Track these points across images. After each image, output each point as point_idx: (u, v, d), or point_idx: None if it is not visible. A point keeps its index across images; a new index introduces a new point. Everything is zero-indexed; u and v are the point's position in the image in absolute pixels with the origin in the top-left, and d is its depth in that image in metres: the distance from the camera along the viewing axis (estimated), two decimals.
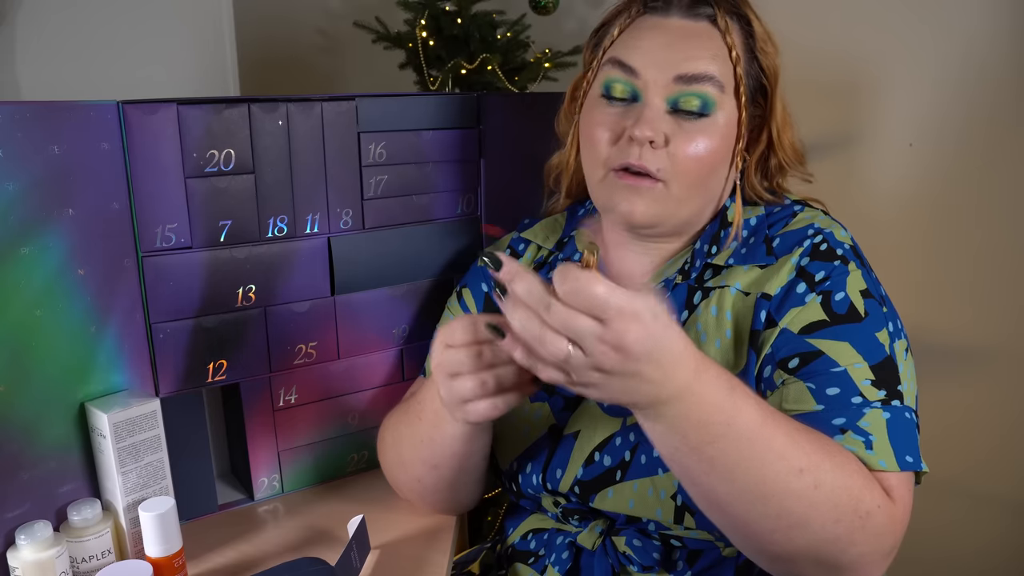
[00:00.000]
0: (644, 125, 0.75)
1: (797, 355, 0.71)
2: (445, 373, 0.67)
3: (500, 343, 0.60)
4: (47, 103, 0.75)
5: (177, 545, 0.78)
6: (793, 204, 0.84)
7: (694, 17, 0.78)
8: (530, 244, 0.95)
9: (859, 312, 0.72)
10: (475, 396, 0.66)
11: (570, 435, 0.80)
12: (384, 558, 0.84)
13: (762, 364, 0.73)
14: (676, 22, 0.78)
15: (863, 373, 0.69)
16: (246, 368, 0.92)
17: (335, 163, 0.92)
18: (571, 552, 0.82)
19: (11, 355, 0.75)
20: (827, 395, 0.69)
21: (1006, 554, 1.29)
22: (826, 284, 0.73)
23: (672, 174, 0.76)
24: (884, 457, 0.67)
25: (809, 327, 0.72)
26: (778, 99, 0.81)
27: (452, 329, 0.67)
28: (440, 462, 0.81)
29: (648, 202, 0.77)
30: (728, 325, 0.76)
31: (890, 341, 0.72)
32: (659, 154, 0.76)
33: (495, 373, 0.66)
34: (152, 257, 0.84)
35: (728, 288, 0.78)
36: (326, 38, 1.83)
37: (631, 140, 0.76)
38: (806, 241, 0.77)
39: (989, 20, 1.18)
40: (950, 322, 1.26)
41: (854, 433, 0.67)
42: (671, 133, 0.76)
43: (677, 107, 0.76)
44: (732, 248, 0.80)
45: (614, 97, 0.78)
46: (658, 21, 0.78)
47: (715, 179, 0.80)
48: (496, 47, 1.42)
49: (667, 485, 0.75)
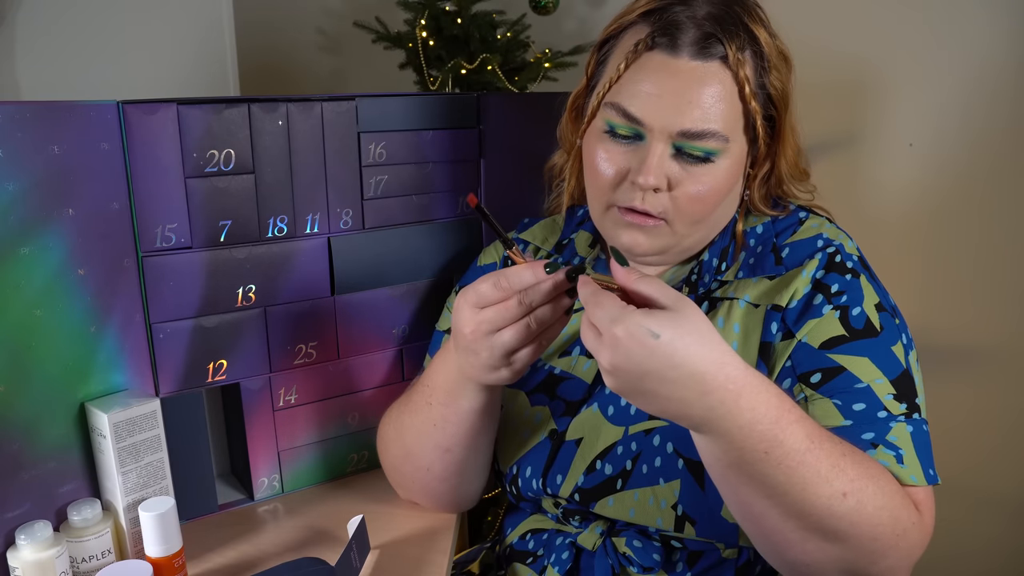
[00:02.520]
0: (648, 174, 0.74)
1: (819, 370, 0.72)
2: (485, 332, 0.67)
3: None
4: (47, 103, 0.75)
5: (177, 545, 0.78)
6: (798, 210, 0.83)
7: (705, 58, 0.72)
8: (528, 245, 0.95)
9: (875, 327, 0.73)
10: (520, 343, 0.67)
11: (572, 441, 0.80)
12: (384, 558, 0.84)
13: (779, 376, 0.73)
14: (685, 64, 0.72)
15: (885, 388, 0.70)
16: (246, 368, 0.92)
17: (335, 163, 0.92)
18: (571, 553, 0.82)
19: (11, 355, 0.75)
20: (854, 410, 0.70)
21: (1006, 554, 1.29)
22: (843, 299, 0.74)
23: (675, 214, 0.76)
24: (914, 472, 0.68)
25: (829, 342, 0.72)
26: (787, 124, 0.79)
27: (479, 291, 0.67)
28: (452, 443, 0.81)
29: (652, 238, 0.78)
30: (735, 337, 0.76)
31: (905, 354, 0.73)
32: (661, 198, 0.76)
33: (535, 315, 0.67)
34: (152, 257, 0.83)
35: (737, 301, 0.78)
36: (326, 38, 1.83)
37: (635, 185, 0.75)
38: (818, 254, 0.76)
39: (989, 20, 1.18)
40: (950, 322, 1.26)
41: (885, 447, 0.68)
42: (675, 177, 0.75)
43: (682, 151, 0.74)
44: (740, 260, 0.80)
45: (618, 134, 0.76)
46: (665, 61, 0.73)
47: (720, 211, 0.79)
48: (496, 47, 1.42)
49: (668, 495, 0.75)
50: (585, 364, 0.84)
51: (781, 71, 0.77)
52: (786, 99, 0.78)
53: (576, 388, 0.83)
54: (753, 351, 0.75)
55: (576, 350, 0.85)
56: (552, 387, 0.84)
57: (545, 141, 0.94)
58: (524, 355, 0.69)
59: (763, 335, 0.75)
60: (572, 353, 0.85)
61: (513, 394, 0.87)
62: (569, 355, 0.85)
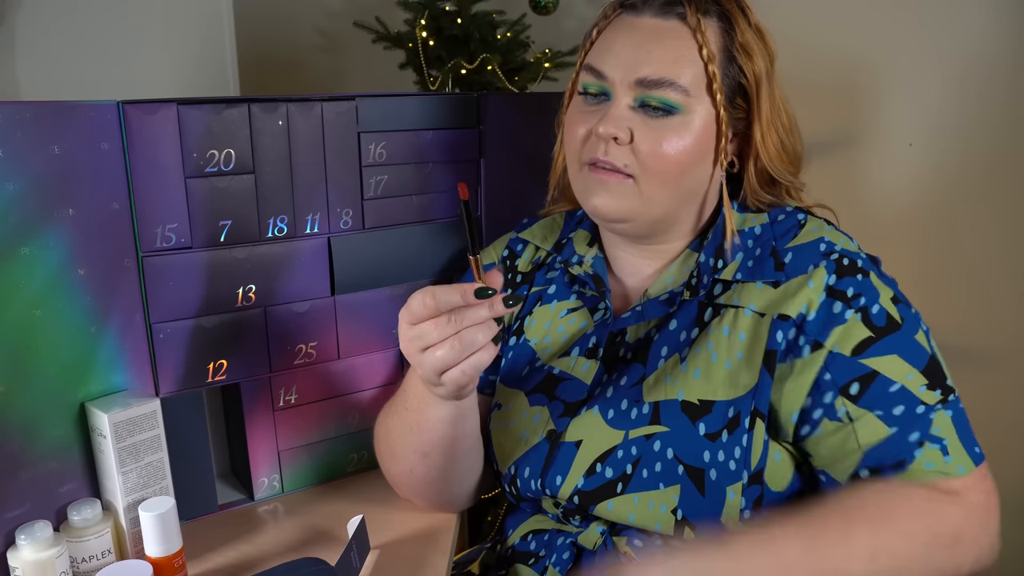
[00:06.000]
0: (607, 122, 0.77)
1: (856, 380, 0.72)
2: (417, 348, 0.69)
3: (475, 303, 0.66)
4: (47, 103, 0.75)
5: (177, 545, 0.78)
6: (796, 211, 0.82)
7: (665, 16, 0.78)
8: (528, 244, 0.95)
9: (896, 320, 0.74)
10: (447, 364, 0.68)
11: (571, 443, 0.80)
12: (384, 558, 0.84)
13: (819, 389, 0.73)
14: (647, 21, 0.78)
15: (917, 381, 0.72)
16: (246, 368, 0.92)
17: (335, 163, 0.92)
18: (572, 552, 0.82)
19: (11, 355, 0.75)
20: (895, 415, 0.71)
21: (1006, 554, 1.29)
22: (861, 300, 0.74)
23: (639, 170, 0.77)
24: (961, 461, 0.70)
25: (859, 347, 0.73)
26: (764, 102, 0.80)
27: (409, 306, 0.68)
28: (429, 449, 0.82)
29: (617, 197, 0.78)
30: (740, 347, 0.76)
31: (927, 339, 0.75)
32: (624, 150, 0.77)
33: (460, 336, 0.67)
34: (152, 257, 0.83)
35: (742, 310, 0.77)
36: (326, 38, 1.83)
37: (597, 137, 0.78)
38: (823, 261, 0.76)
39: (989, 20, 1.18)
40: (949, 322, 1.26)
41: (930, 443, 0.70)
42: (637, 129, 0.77)
43: (645, 104, 0.77)
44: (739, 261, 0.80)
45: (590, 94, 0.80)
46: (631, 20, 0.79)
47: (690, 178, 0.79)
48: (496, 47, 1.42)
49: (668, 500, 0.75)
50: (584, 365, 0.84)
51: (753, 47, 0.79)
52: (757, 77, 0.80)
53: (575, 389, 0.83)
54: (758, 359, 0.75)
55: (575, 351, 0.85)
56: (551, 387, 0.84)
57: (545, 141, 0.94)
58: (451, 376, 0.69)
59: (768, 343, 0.75)
60: (572, 354, 0.85)
61: (513, 394, 0.87)
62: (568, 355, 0.85)
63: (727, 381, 0.75)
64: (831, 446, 0.73)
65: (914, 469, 0.70)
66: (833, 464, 0.73)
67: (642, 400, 0.78)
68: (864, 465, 0.71)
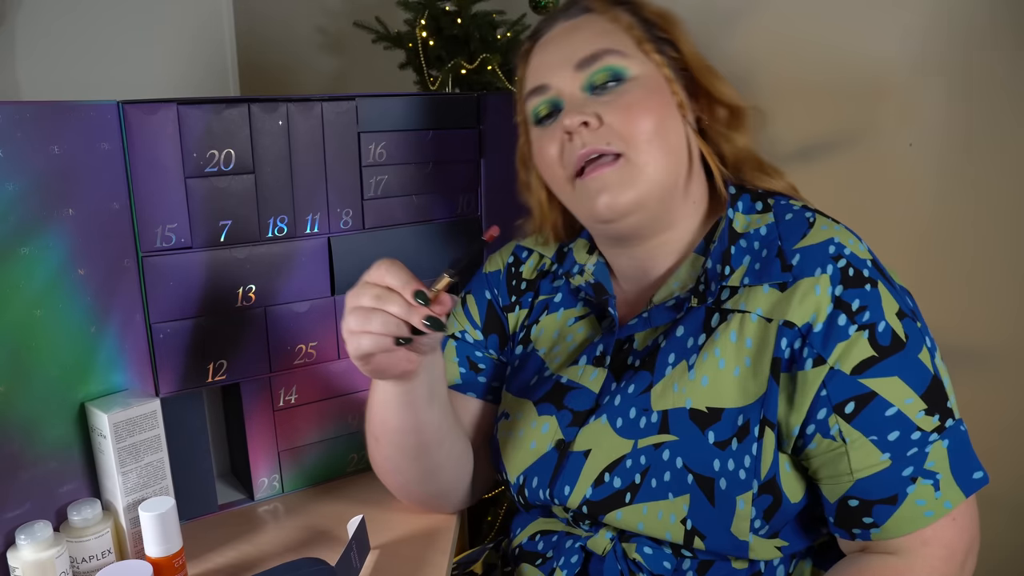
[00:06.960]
0: (570, 114, 0.78)
1: (852, 398, 0.71)
2: (347, 331, 0.71)
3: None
4: (47, 103, 0.75)
5: (177, 545, 0.78)
6: (804, 210, 0.80)
7: (572, 16, 0.83)
8: (532, 252, 0.94)
9: (901, 339, 0.72)
10: (349, 328, 0.71)
11: (580, 452, 0.79)
12: (384, 558, 0.84)
13: (815, 406, 0.72)
14: (560, 27, 0.83)
15: (915, 407, 0.71)
16: (246, 368, 0.92)
17: (335, 163, 0.92)
18: (580, 556, 0.82)
19: (11, 355, 0.75)
20: (890, 441, 0.70)
21: (1006, 554, 1.29)
22: (866, 316, 0.72)
23: (624, 143, 0.77)
24: (949, 495, 0.70)
25: (860, 366, 0.71)
26: (684, 43, 0.83)
27: (357, 294, 0.72)
28: (380, 434, 0.83)
29: (619, 188, 0.77)
30: (748, 353, 0.74)
31: (931, 358, 0.73)
32: (599, 133, 0.78)
33: (370, 313, 0.71)
34: (152, 257, 0.83)
35: (749, 315, 0.75)
36: (326, 38, 1.83)
37: (569, 136, 0.78)
38: (829, 266, 0.73)
39: (989, 20, 1.18)
40: (949, 322, 1.25)
41: (923, 479, 0.70)
42: (599, 108, 0.78)
43: (594, 86, 0.79)
44: (745, 264, 0.77)
45: (545, 117, 0.82)
46: (547, 37, 0.84)
47: (669, 132, 0.79)
48: (496, 47, 1.42)
49: (677, 509, 0.74)
50: (592, 373, 0.82)
51: (672, 26, 0.83)
52: (670, 21, 0.84)
53: (584, 398, 0.82)
54: (765, 367, 0.73)
55: (583, 359, 0.84)
56: (559, 397, 0.83)
57: None
58: (352, 344, 0.72)
59: (774, 350, 0.73)
60: (579, 362, 0.84)
61: (521, 403, 0.86)
62: (576, 364, 0.84)
63: (736, 388, 0.74)
64: (822, 463, 0.72)
65: (906, 505, 0.70)
66: (822, 481, 0.73)
67: (650, 408, 0.76)
68: (853, 494, 0.71)
